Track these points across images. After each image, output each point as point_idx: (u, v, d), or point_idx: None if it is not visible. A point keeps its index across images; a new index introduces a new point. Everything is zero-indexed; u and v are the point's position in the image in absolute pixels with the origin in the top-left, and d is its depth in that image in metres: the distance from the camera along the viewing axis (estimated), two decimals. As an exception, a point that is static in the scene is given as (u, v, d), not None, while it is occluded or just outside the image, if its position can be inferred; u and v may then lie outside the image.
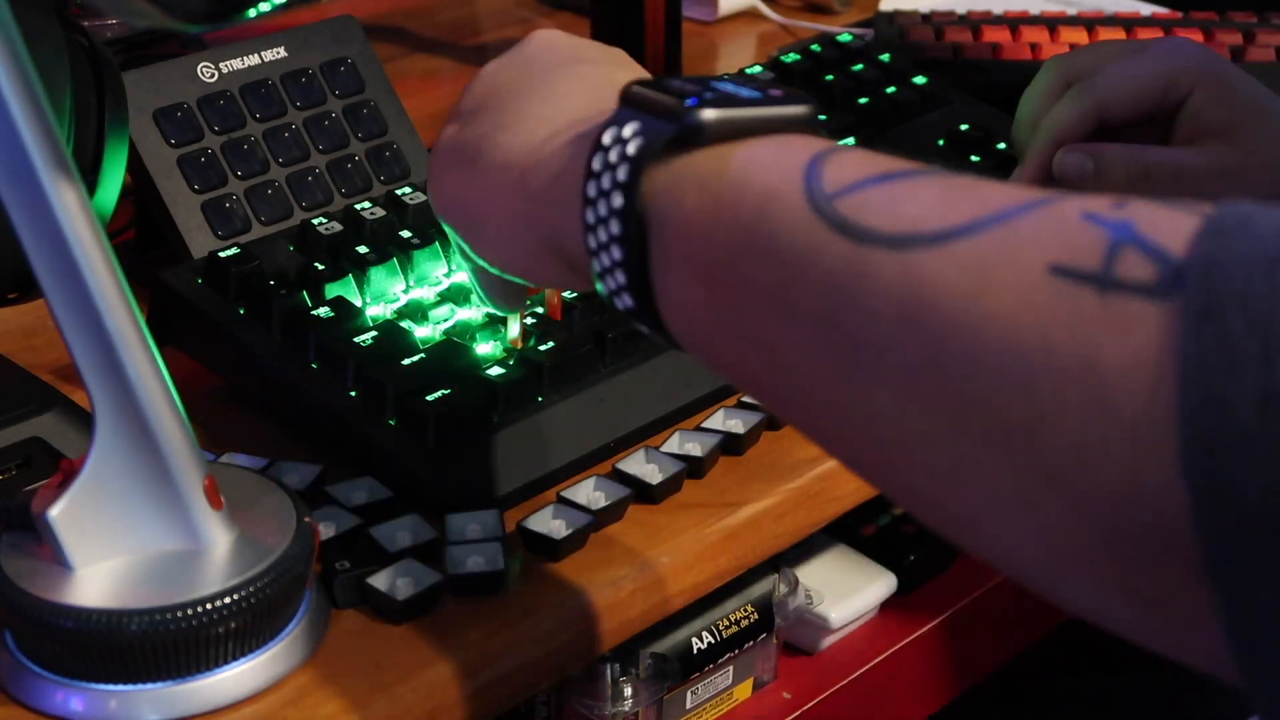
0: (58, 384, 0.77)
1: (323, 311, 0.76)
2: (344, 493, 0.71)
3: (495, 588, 0.66)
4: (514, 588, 0.67)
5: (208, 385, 0.79)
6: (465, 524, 0.69)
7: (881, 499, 0.88)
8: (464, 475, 0.71)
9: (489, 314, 0.78)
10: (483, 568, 0.66)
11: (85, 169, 0.77)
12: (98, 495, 0.60)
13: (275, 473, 0.72)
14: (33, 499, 0.61)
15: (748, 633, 0.90)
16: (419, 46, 1.30)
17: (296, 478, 0.72)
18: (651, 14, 1.17)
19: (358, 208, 0.85)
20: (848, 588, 0.98)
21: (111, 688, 0.60)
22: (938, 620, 1.01)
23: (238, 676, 0.61)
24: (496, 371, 0.74)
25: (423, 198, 0.86)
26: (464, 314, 0.80)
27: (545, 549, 0.69)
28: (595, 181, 0.53)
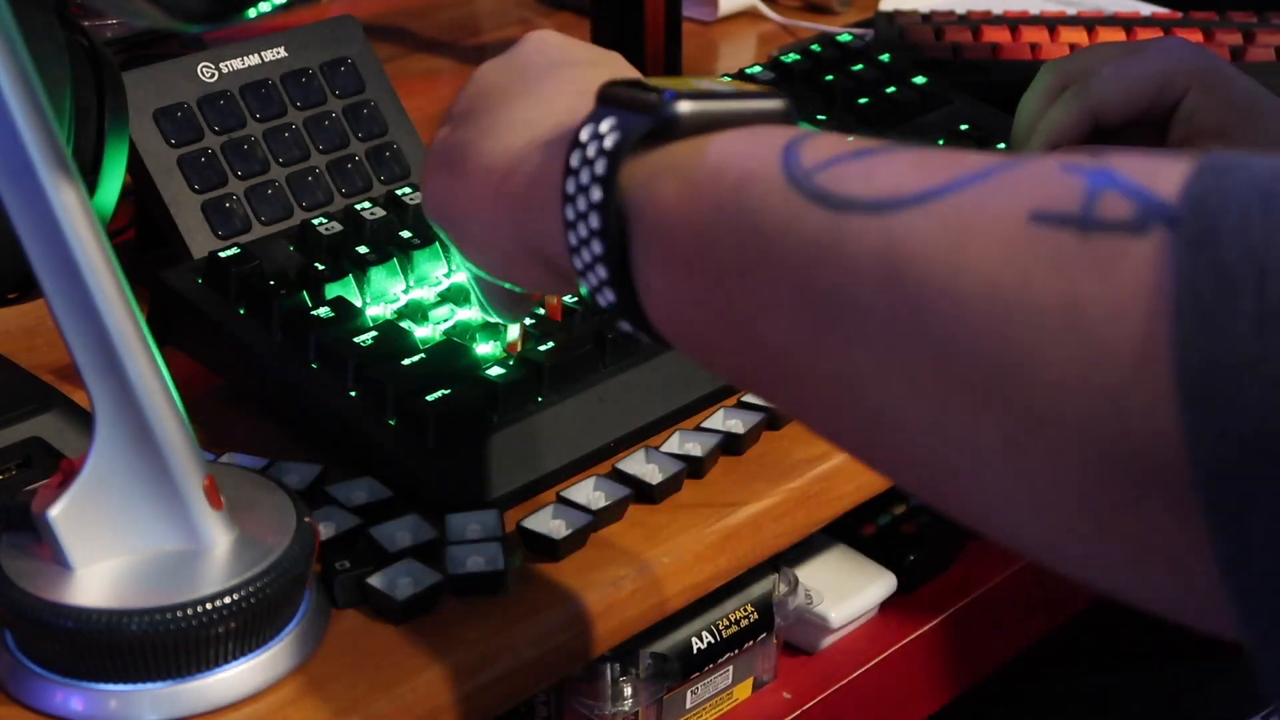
0: (58, 384, 0.77)
1: (323, 311, 0.76)
2: (344, 493, 0.71)
3: (495, 588, 0.66)
4: (514, 588, 0.67)
5: (208, 385, 0.79)
6: (465, 524, 0.69)
7: (881, 499, 0.88)
8: (464, 475, 0.71)
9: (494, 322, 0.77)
10: (483, 568, 0.66)
11: (85, 169, 0.77)
12: (98, 495, 0.60)
13: (275, 473, 0.72)
14: (33, 499, 0.61)
15: (748, 633, 0.90)
16: (419, 46, 1.30)
17: (296, 478, 0.72)
18: (651, 14, 1.17)
19: (358, 208, 0.85)
20: (848, 588, 0.98)
21: (111, 688, 0.60)
22: (938, 620, 1.01)
23: (238, 676, 0.61)
24: (496, 371, 0.74)
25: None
26: (464, 314, 0.80)
27: (545, 549, 0.69)
28: (574, 178, 0.53)
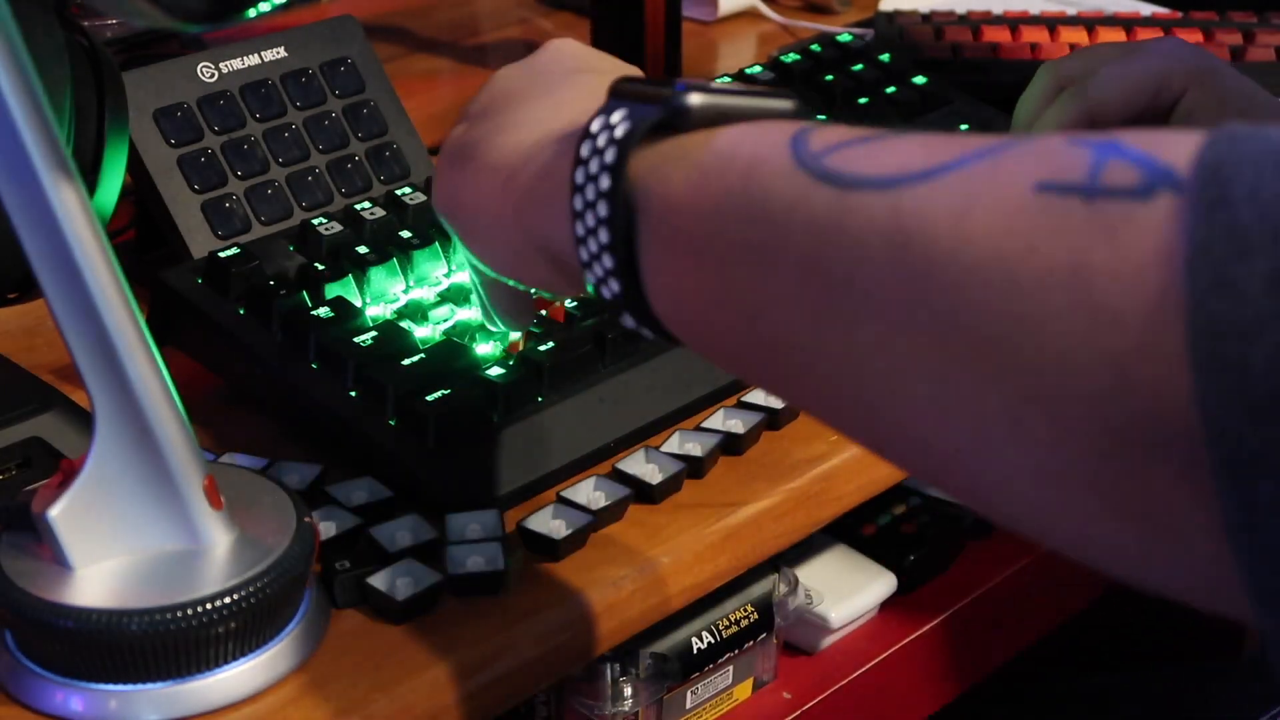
0: (58, 384, 0.77)
1: (323, 311, 0.76)
2: (344, 493, 0.71)
3: (495, 588, 0.66)
4: (514, 588, 0.67)
5: (208, 385, 0.79)
6: (465, 524, 0.69)
7: (881, 499, 0.88)
8: (464, 475, 0.71)
9: (495, 332, 0.77)
10: (483, 568, 0.66)
11: (85, 169, 0.77)
12: (98, 495, 0.60)
13: (275, 473, 0.72)
14: (33, 499, 0.61)
15: (748, 633, 0.90)
16: (419, 46, 1.30)
17: (296, 478, 0.72)
18: (651, 14, 1.17)
19: (358, 208, 0.85)
20: (848, 588, 0.98)
21: (111, 688, 0.60)
22: (938, 620, 1.01)
23: (238, 676, 0.61)
24: (496, 371, 0.74)
25: (423, 198, 0.86)
26: (464, 314, 0.80)
27: (545, 549, 0.69)
28: (583, 167, 0.53)
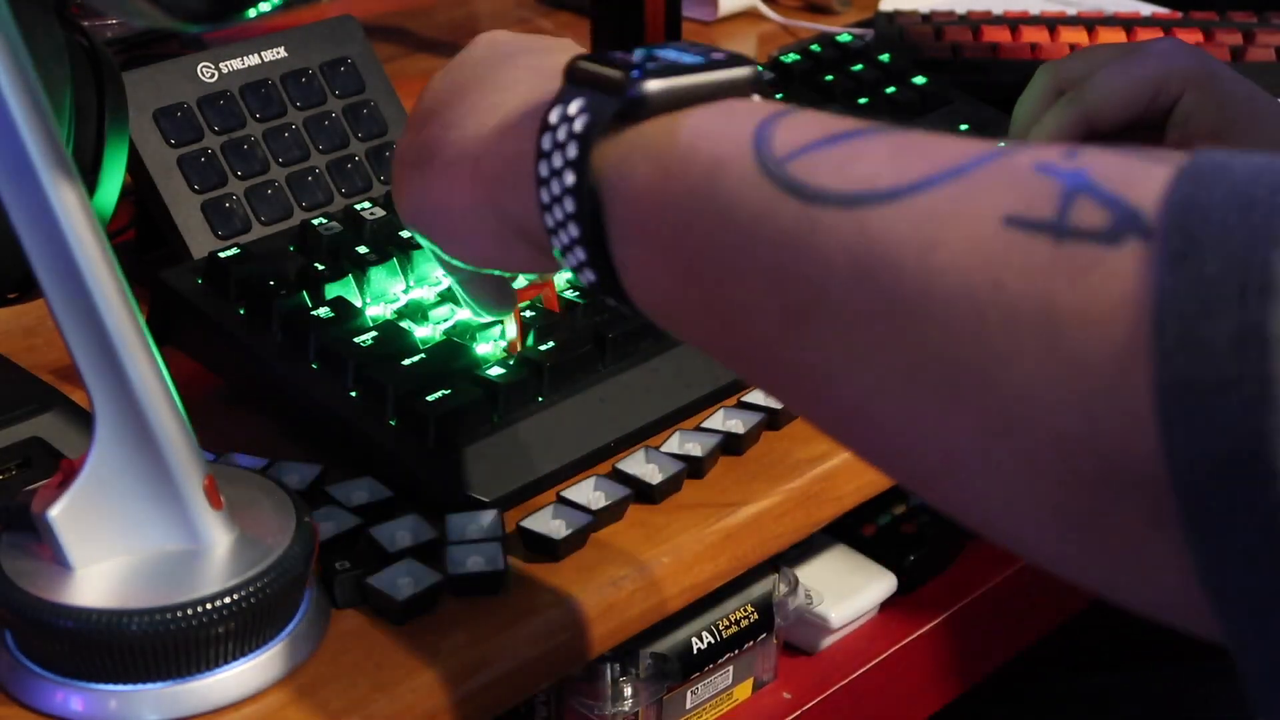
0: (58, 384, 0.77)
1: (323, 311, 0.76)
2: (344, 493, 0.71)
3: (495, 588, 0.66)
4: (514, 588, 0.67)
5: (208, 385, 0.79)
6: (465, 524, 0.69)
7: (881, 499, 0.88)
8: (464, 475, 0.71)
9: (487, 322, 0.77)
10: (482, 568, 0.66)
11: (85, 169, 0.77)
12: (98, 495, 0.60)
13: (275, 473, 0.72)
14: (33, 499, 0.61)
15: (748, 633, 0.90)
16: (419, 46, 1.30)
17: (296, 478, 0.72)
18: (651, 14, 1.17)
19: (358, 208, 0.85)
20: (848, 588, 0.98)
21: (111, 688, 0.60)
22: (938, 620, 1.01)
23: (238, 676, 0.61)
24: (496, 371, 0.74)
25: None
26: (464, 314, 0.79)
27: (545, 549, 0.69)
28: (546, 161, 0.53)
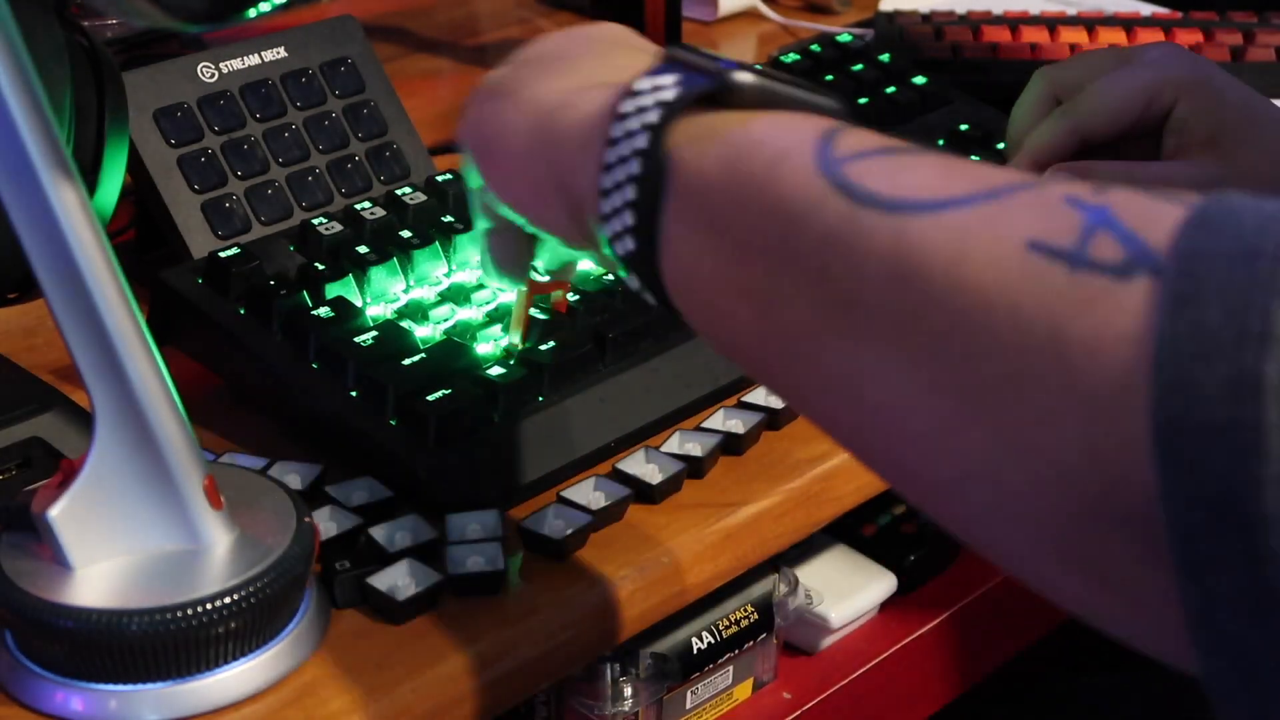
0: (58, 384, 0.77)
1: (323, 311, 0.76)
2: (344, 493, 0.71)
3: (495, 587, 0.66)
4: (514, 587, 0.67)
5: (208, 385, 0.79)
6: (465, 524, 0.69)
7: (881, 499, 0.88)
8: (464, 475, 0.71)
9: (490, 282, 0.76)
10: (483, 567, 0.66)
11: (85, 169, 0.77)
12: (98, 495, 0.60)
13: (275, 473, 0.72)
14: (33, 499, 0.61)
15: (748, 633, 0.90)
16: (419, 46, 1.30)
17: (296, 478, 0.72)
18: (651, 14, 1.17)
19: (358, 208, 0.85)
20: (848, 588, 0.98)
21: (111, 688, 0.60)
22: (938, 620, 1.01)
23: (238, 676, 0.61)
24: (497, 371, 0.74)
25: (423, 198, 0.86)
26: (464, 314, 0.80)
27: (545, 549, 0.69)
28: (622, 123, 0.54)
